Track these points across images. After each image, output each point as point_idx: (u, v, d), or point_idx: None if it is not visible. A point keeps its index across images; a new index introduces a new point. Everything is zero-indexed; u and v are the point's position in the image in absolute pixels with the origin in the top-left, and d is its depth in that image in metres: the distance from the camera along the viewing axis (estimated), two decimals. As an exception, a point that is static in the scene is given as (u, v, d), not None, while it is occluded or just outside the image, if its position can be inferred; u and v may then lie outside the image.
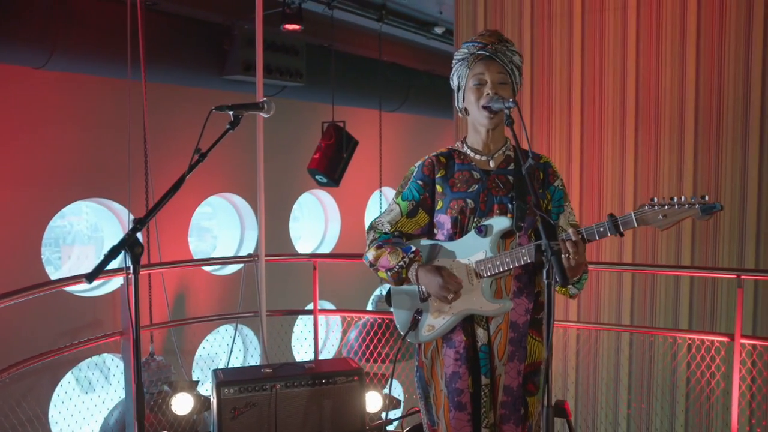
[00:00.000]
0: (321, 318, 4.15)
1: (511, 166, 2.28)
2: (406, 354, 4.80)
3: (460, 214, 2.23)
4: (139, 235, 1.85)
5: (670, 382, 4.39)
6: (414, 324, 2.28)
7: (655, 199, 1.95)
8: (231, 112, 2.05)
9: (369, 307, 9.12)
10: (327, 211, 8.81)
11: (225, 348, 6.89)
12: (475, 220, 2.22)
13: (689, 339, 3.56)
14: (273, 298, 4.01)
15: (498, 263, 2.16)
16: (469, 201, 2.23)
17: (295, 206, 8.27)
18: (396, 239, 2.33)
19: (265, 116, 2.16)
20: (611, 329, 4.40)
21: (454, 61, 2.32)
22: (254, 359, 7.63)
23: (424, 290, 2.28)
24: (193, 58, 6.02)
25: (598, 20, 4.67)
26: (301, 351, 7.28)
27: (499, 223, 2.19)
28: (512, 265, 2.15)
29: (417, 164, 2.36)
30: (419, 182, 2.31)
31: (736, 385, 3.09)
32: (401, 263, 2.22)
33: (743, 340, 3.09)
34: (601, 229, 2.00)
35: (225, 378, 3.16)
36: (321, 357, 8.32)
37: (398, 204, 2.34)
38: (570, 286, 2.17)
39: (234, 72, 6.20)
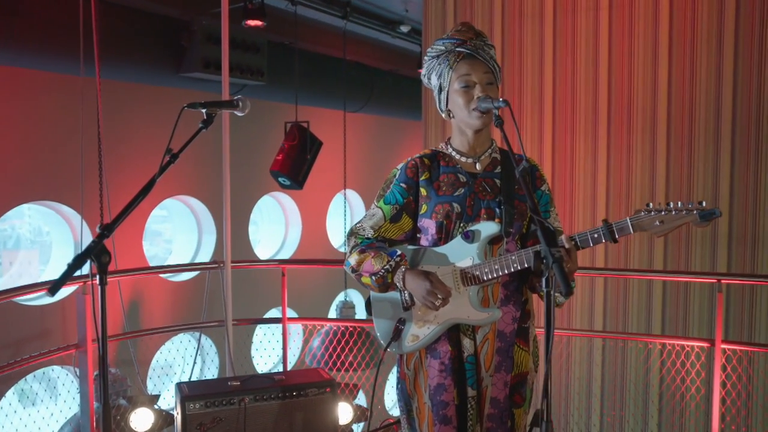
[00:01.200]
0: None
1: (498, 169, 2.24)
2: (370, 362, 4.74)
3: (445, 219, 2.18)
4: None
5: (644, 388, 4.41)
6: (396, 334, 2.22)
7: (651, 205, 1.93)
8: (204, 110, 1.95)
9: (333, 314, 9.02)
10: (287, 215, 8.68)
11: (181, 358, 6.70)
12: (462, 225, 2.17)
13: (669, 345, 3.57)
14: (213, 307, 3.88)
15: (486, 270, 2.11)
16: (455, 205, 2.17)
17: (253, 209, 8.12)
18: (379, 244, 2.26)
19: (240, 114, 2.07)
20: (585, 335, 4.41)
21: (428, 59, 2.25)
22: (212, 370, 7.45)
23: (407, 298, 2.22)
24: (149, 55, 5.84)
25: (570, 21, 4.68)
26: (262, 361, 7.13)
27: (487, 228, 2.14)
28: (501, 273, 2.10)
29: (399, 166, 2.30)
30: (402, 185, 2.25)
31: (717, 390, 3.11)
32: (387, 267, 2.15)
33: (724, 345, 3.11)
34: (596, 236, 1.97)
35: (190, 392, 3.03)
36: (282, 367, 8.17)
37: (380, 208, 2.27)
38: (557, 294, 2.13)
39: (193, 69, 6.04)
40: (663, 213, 1.88)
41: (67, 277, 1.62)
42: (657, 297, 4.47)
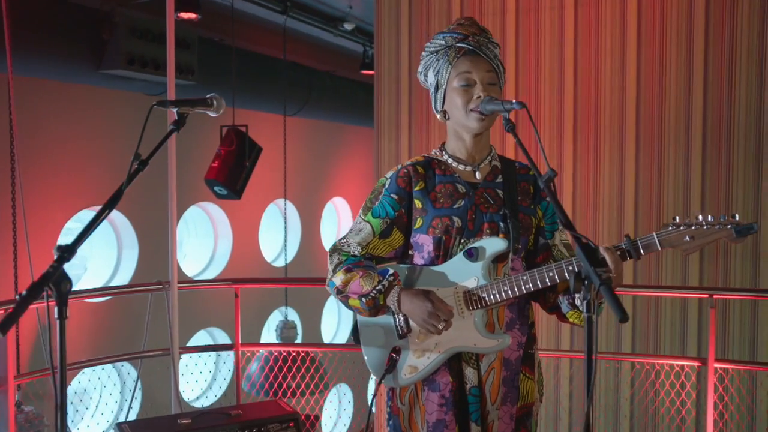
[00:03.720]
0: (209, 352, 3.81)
1: (500, 179, 2.13)
2: (320, 383, 4.56)
3: (444, 234, 2.05)
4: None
5: (614, 410, 4.41)
6: (391, 365, 2.07)
7: (677, 218, 1.85)
8: (175, 110, 1.76)
9: (267, 334, 8.75)
10: (217, 227, 8.37)
11: (94, 388, 6.30)
12: (463, 241, 2.05)
13: (658, 365, 3.55)
14: (138, 333, 3.60)
15: (494, 292, 1.99)
16: (455, 219, 2.05)
17: (179, 222, 7.79)
18: (367, 262, 2.12)
19: (213, 115, 1.89)
20: (553, 356, 4.37)
21: (425, 54, 2.15)
22: (134, 405, 7.06)
23: (402, 323, 2.08)
24: (65, 49, 5.51)
25: (533, 20, 4.67)
26: (189, 392, 6.77)
27: (493, 244, 2.03)
28: (511, 294, 1.99)
29: (388, 175, 2.17)
30: (393, 196, 2.12)
31: (710, 412, 3.09)
32: (379, 287, 2.01)
33: (717, 365, 3.10)
34: (618, 253, 1.88)
35: (134, 434, 2.79)
36: (211, 395, 7.85)
37: (369, 222, 2.13)
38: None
39: (114, 66, 5.73)
40: (693, 228, 1.81)
41: (21, 311, 1.40)
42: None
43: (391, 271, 2.05)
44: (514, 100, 1.90)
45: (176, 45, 6.04)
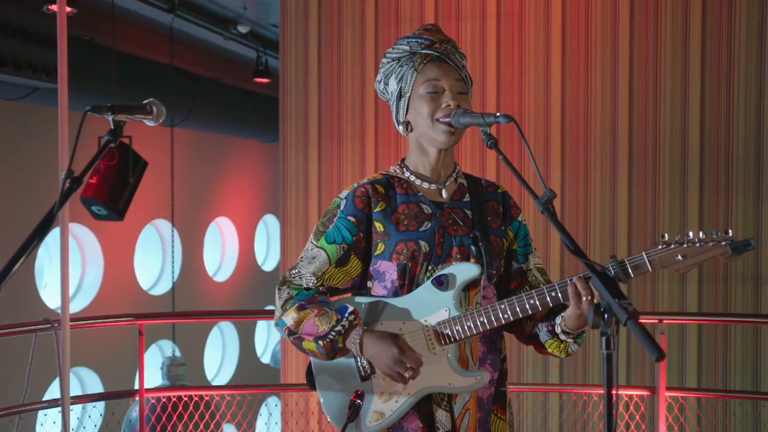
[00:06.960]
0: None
1: (467, 198, 2.08)
2: (206, 430, 4.34)
3: (410, 261, 1.97)
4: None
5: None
6: (354, 412, 1.95)
7: (666, 236, 1.85)
8: (111, 117, 1.59)
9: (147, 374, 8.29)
10: (85, 252, 7.89)
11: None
12: (430, 267, 1.98)
13: (586, 395, 3.59)
14: None
15: (469, 324, 1.92)
16: (422, 243, 1.98)
17: (41, 246, 7.28)
18: (322, 297, 2.00)
19: (151, 124, 1.73)
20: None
21: (386, 61, 2.09)
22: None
23: (365, 365, 1.97)
24: None
25: (453, 28, 4.70)
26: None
27: (464, 271, 1.96)
28: (488, 326, 1.92)
29: (343, 195, 2.07)
30: (350, 219, 2.02)
31: (661, 445, 3.16)
32: (338, 328, 1.90)
33: (668, 393, 3.17)
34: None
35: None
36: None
37: (323, 249, 2.02)
38: (571, 342, 1.98)
39: (-33, 65, 5.31)
40: (685, 246, 1.81)
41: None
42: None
43: (351, 309, 1.94)
44: (499, 113, 1.85)
45: (41, 43, 5.69)
